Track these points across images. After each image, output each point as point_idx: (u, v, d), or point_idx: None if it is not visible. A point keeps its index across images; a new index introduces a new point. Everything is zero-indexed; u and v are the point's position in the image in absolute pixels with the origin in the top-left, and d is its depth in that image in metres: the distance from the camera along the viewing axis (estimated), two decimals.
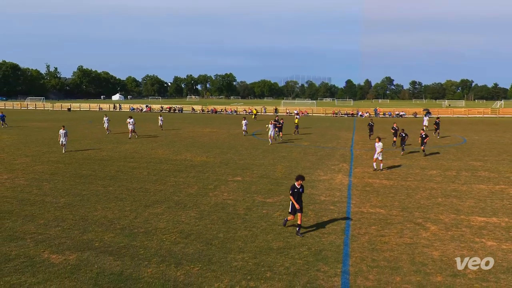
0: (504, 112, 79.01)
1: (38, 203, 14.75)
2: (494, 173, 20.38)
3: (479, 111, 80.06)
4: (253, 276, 9.06)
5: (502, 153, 27.14)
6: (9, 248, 10.53)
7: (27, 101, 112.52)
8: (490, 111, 79.93)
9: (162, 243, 10.99)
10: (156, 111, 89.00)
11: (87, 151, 27.37)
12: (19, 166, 21.76)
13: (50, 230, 11.94)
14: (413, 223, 12.79)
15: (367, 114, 75.70)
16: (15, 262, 9.69)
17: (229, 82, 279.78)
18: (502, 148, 29.94)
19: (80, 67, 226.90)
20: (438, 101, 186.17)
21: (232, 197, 15.76)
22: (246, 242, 11.09)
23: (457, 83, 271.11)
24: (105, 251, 10.39)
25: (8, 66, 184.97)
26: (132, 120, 35.40)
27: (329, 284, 8.73)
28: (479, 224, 12.65)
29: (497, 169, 21.53)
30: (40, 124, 50.54)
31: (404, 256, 10.23)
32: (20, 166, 21.91)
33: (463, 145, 32.11)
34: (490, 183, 18.29)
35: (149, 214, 13.53)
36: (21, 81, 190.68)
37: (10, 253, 10.21)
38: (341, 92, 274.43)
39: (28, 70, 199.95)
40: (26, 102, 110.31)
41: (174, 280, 8.85)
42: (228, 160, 24.09)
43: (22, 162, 23.15)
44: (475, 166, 22.34)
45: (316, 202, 15.11)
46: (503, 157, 25.61)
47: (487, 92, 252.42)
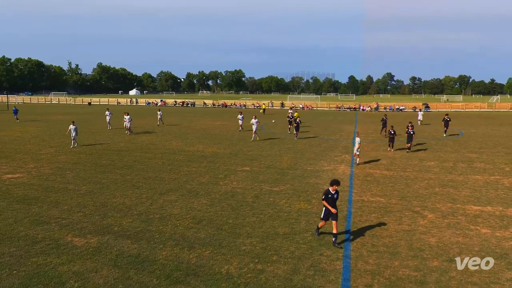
0: (500, 106, 77.67)
1: (61, 190, 14.95)
2: (490, 165, 20.12)
3: (476, 106, 78.77)
4: (260, 259, 9.12)
5: (498, 146, 26.76)
6: (36, 232, 10.71)
7: (51, 96, 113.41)
8: (486, 106, 78.59)
9: (176, 228, 11.08)
10: (170, 105, 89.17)
11: (106, 143, 27.59)
12: (44, 156, 22.04)
13: (73, 215, 12.11)
14: (411, 211, 12.72)
15: (369, 108, 75.00)
16: (41, 244, 9.87)
17: (238, 78, 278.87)
18: (498, 140, 29.51)
19: (100, 64, 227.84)
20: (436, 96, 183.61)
21: (241, 185, 15.80)
22: (254, 227, 11.14)
23: (455, 79, 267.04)
24: (124, 235, 10.52)
25: (33, 63, 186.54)
26: (129, 117, 32.65)
27: (331, 267, 8.75)
28: (474, 213, 12.54)
29: (493, 160, 21.25)
30: (63, 117, 50.99)
31: (403, 242, 10.20)
32: (45, 156, 22.19)
33: (460, 137, 31.71)
34: (485, 174, 18.08)
35: (164, 201, 13.64)
36: (45, 77, 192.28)
37: (37, 236, 10.39)
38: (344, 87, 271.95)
39: (52, 67, 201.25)
40: (50, 97, 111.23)
41: (187, 262, 8.94)
42: (237, 151, 24.12)
43: (47, 152, 23.44)
44: (471, 158, 22.08)
45: (320, 190, 15.08)
46: (498, 149, 25.25)
47: (484, 87, 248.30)
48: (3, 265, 8.73)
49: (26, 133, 33.09)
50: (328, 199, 10.00)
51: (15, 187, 15.26)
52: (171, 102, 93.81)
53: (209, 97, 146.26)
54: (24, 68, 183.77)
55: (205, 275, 8.35)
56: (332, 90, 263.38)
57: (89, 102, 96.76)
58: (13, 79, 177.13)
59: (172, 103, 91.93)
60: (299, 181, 16.55)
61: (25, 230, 10.83)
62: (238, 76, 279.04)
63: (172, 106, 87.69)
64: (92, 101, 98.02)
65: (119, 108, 74.82)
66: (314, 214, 12.34)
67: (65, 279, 8.15)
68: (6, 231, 10.70)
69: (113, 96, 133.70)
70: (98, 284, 7.94)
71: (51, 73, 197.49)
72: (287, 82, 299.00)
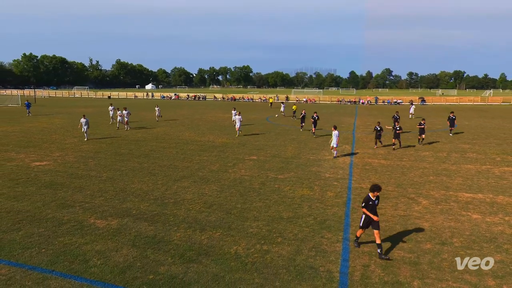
0: (493, 100, 76.30)
1: (84, 177, 15.14)
2: (481, 155, 19.88)
3: (469, 99, 77.48)
4: (266, 241, 9.19)
5: (489, 137, 26.37)
6: (62, 214, 10.90)
7: (74, 90, 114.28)
8: (480, 99, 77.26)
9: (189, 212, 11.19)
10: (183, 98, 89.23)
11: (124, 133, 27.78)
12: (69, 146, 22.29)
13: (95, 199, 12.28)
14: (407, 197, 12.67)
15: (368, 102, 74.24)
16: (67, 226, 10.05)
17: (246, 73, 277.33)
18: (490, 132, 29.07)
19: (118, 60, 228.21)
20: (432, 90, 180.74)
21: (249, 173, 15.84)
22: (260, 212, 11.20)
23: (450, 74, 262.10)
24: (141, 218, 10.66)
25: (57, 60, 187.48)
26: (126, 112, 29.83)
27: (332, 249, 8.79)
28: (466, 200, 12.44)
29: (484, 151, 20.98)
30: (85, 110, 51.33)
31: (398, 226, 10.18)
32: (69, 145, 22.44)
33: (454, 129, 31.27)
34: (477, 163, 17.87)
35: (178, 187, 13.75)
36: (69, 72, 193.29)
37: (63, 218, 10.58)
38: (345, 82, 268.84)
39: (74, 63, 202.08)
40: (73, 91, 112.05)
41: (199, 243, 9.04)
42: (245, 142, 24.13)
43: (71, 142, 23.69)
44: (464, 148, 21.82)
45: (321, 178, 15.08)
46: (490, 140, 24.90)
47: (478, 82, 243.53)
48: (33, 244, 8.92)
49: (51, 124, 33.45)
50: (369, 206, 8.53)
51: (42, 174, 15.50)
52: (184, 96, 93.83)
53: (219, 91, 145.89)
54: (49, 64, 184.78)
55: (216, 255, 8.45)
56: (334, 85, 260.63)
57: (109, 95, 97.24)
58: (39, 75, 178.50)
59: (185, 97, 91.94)
60: (302, 170, 16.54)
61: (52, 212, 11.03)
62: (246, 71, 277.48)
63: (185, 99, 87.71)
64: (111, 95, 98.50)
65: (136, 102, 75.12)
66: (316, 200, 12.36)
67: (88, 257, 8.32)
68: (36, 213, 10.91)
69: (130, 90, 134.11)
70: (118, 262, 8.09)
71: (74, 69, 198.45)
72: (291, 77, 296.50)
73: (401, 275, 7.66)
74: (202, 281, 7.39)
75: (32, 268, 7.82)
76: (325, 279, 7.50)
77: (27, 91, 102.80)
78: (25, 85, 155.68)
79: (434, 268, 7.93)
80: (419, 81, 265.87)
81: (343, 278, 7.55)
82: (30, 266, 7.90)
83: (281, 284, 7.33)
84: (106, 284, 7.27)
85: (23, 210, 11.16)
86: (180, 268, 7.88)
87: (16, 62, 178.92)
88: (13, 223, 10.15)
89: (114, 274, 7.62)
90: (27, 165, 17.02)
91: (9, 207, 11.45)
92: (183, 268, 7.86)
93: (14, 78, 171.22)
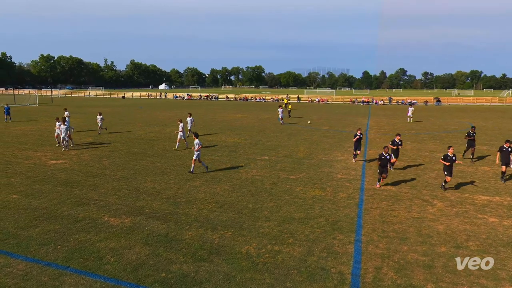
0: (511, 100, 74.32)
1: (99, 175, 15.39)
2: None
3: (487, 100, 75.60)
4: (277, 241, 9.17)
5: (507, 138, 25.65)
6: (77, 212, 11.11)
7: (89, 90, 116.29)
8: (497, 100, 75.26)
9: (201, 211, 11.25)
10: (195, 98, 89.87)
11: (138, 133, 28.14)
12: (84, 145, 22.70)
13: (109, 197, 12.47)
14: (421, 199, 12.46)
15: (381, 102, 73.33)
16: (82, 223, 10.24)
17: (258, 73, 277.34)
18: (508, 133, 28.32)
19: (132, 61, 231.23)
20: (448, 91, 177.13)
21: (260, 173, 15.84)
22: (272, 212, 11.18)
23: (467, 74, 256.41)
24: (154, 216, 10.77)
25: (74, 61, 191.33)
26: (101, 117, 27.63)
27: (343, 250, 8.72)
28: (483, 202, 12.16)
29: None
30: (101, 110, 52.17)
31: (412, 228, 10.02)
32: (84, 144, 22.85)
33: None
34: (494, 165, 17.43)
35: (190, 186, 13.85)
36: (84, 73, 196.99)
37: (78, 216, 10.78)
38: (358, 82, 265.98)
39: (90, 64, 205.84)
40: (88, 91, 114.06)
41: (210, 242, 9.09)
42: (257, 142, 24.13)
43: (86, 141, 24.13)
44: (481, 150, 21.31)
45: (334, 179, 14.96)
46: None
47: (496, 82, 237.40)
48: (49, 240, 9.12)
49: None
50: None
51: (59, 172, 15.83)
52: (196, 96, 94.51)
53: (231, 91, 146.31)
54: (66, 64, 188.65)
55: (227, 254, 8.48)
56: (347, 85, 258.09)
57: (123, 95, 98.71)
58: (56, 75, 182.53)
59: (197, 97, 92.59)
60: (314, 170, 16.45)
61: (68, 210, 11.25)
62: (258, 71, 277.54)
63: (197, 99, 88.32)
64: (125, 95, 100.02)
65: (149, 102, 76.04)
66: (328, 200, 12.27)
67: (102, 254, 8.46)
68: (52, 211, 11.16)
69: (144, 90, 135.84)
70: (131, 260, 8.20)
71: (89, 69, 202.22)
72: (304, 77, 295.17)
73: (415, 278, 7.54)
74: (213, 280, 7.42)
75: (48, 264, 8.00)
76: (337, 281, 7.44)
77: (44, 91, 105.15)
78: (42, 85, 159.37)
79: (449, 272, 7.78)
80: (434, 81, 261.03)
81: (355, 280, 7.47)
82: (46, 262, 8.08)
83: (292, 285, 7.30)
84: (119, 281, 7.38)
85: (40, 207, 11.42)
86: (191, 266, 7.93)
87: (34, 63, 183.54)
88: (30, 220, 10.40)
89: (127, 271, 7.73)
90: (44, 163, 17.41)
91: (26, 204, 11.74)
92: (195, 267, 7.91)
93: (32, 78, 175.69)
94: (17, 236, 9.37)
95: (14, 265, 7.93)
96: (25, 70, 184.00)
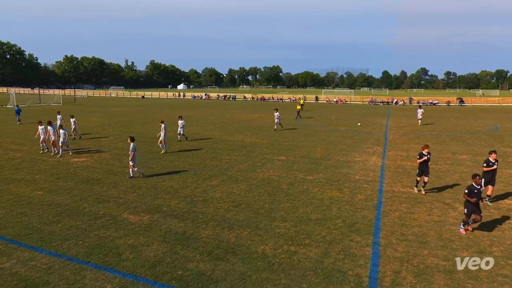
0: None
1: (119, 173, 15.73)
2: None
3: None
4: (293, 242, 9.12)
5: None
6: (98, 208, 11.40)
7: (110, 90, 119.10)
8: None
9: (217, 210, 11.33)
10: (213, 98, 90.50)
11: (158, 132, 28.56)
12: (105, 143, 23.27)
13: (128, 195, 12.73)
14: (442, 203, 12.12)
15: (402, 102, 71.79)
16: (102, 220, 10.49)
17: (276, 73, 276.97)
18: None
19: (152, 61, 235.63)
20: (471, 91, 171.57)
21: (277, 173, 15.81)
22: (288, 212, 11.14)
23: (492, 73, 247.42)
24: (171, 214, 10.92)
25: (96, 61, 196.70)
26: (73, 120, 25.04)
27: (361, 253, 8.58)
28: (508, 207, 11.71)
29: None
30: (121, 109, 53.43)
31: (432, 232, 9.77)
32: (105, 143, 23.43)
33: (495, 132, 29.58)
34: None
35: (207, 185, 13.96)
36: (106, 73, 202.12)
37: (98, 212, 11.06)
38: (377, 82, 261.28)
39: (111, 64, 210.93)
40: (110, 91, 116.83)
41: (227, 241, 9.14)
42: (274, 142, 24.09)
43: (106, 140, 24.72)
44: (506, 152, 20.55)
45: (351, 180, 14.76)
46: None
47: None
48: (71, 236, 9.40)
49: (89, 122, 35.05)
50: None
51: (80, 170, 16.28)
52: (214, 96, 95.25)
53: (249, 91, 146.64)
54: (88, 65, 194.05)
55: (243, 254, 8.50)
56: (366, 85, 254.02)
57: (143, 95, 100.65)
58: (79, 75, 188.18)
59: (215, 97, 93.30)
60: (332, 171, 16.28)
61: (89, 206, 11.56)
62: (275, 71, 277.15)
63: (215, 99, 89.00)
64: (145, 95, 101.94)
65: (168, 102, 77.15)
66: (345, 202, 12.11)
67: (121, 250, 8.64)
68: (74, 207, 11.49)
69: (163, 90, 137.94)
70: (149, 257, 8.34)
71: (110, 70, 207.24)
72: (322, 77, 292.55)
73: (435, 283, 7.34)
74: (229, 279, 7.46)
75: (69, 259, 8.24)
76: (354, 283, 7.34)
77: (68, 91, 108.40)
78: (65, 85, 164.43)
79: (471, 278, 7.54)
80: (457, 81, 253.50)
81: (372, 283, 7.35)
82: (68, 256, 8.32)
83: (308, 286, 7.25)
84: (137, 277, 7.52)
85: (62, 204, 11.78)
86: (208, 265, 8.00)
87: (58, 64, 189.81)
88: (53, 216, 10.74)
89: (145, 268, 7.87)
90: (67, 161, 17.95)
91: (50, 200, 12.13)
92: (211, 266, 7.97)
93: (56, 78, 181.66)
94: (41, 231, 9.70)
95: (38, 259, 8.21)
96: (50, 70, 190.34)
